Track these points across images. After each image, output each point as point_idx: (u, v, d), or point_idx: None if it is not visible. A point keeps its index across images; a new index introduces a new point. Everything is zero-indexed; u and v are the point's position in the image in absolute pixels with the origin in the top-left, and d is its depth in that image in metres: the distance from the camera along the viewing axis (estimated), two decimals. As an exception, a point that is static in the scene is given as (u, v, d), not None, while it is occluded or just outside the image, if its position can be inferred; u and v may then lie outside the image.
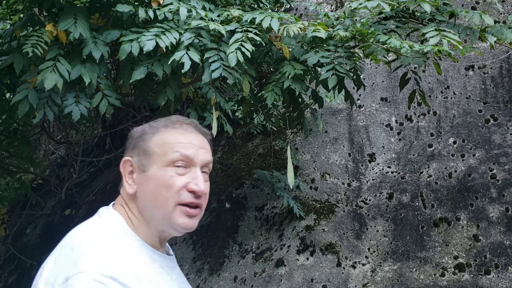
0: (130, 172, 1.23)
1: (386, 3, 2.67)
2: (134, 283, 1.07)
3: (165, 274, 1.21)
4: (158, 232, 1.22)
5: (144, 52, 2.59)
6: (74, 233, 1.18)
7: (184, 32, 2.65)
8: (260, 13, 2.74)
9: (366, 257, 3.50)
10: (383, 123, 4.13)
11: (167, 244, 1.36)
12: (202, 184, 1.20)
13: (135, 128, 1.27)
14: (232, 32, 2.64)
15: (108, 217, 1.22)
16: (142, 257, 1.16)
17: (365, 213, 3.72)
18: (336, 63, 2.71)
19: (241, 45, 2.52)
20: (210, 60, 2.59)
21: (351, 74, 2.91)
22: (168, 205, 1.18)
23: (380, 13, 3.04)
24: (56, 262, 1.12)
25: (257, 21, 2.67)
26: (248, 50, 2.50)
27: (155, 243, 1.22)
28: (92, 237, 1.15)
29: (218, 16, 2.88)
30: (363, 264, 3.46)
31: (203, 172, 1.23)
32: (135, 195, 1.21)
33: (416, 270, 3.32)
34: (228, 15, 2.82)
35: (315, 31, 2.67)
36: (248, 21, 2.73)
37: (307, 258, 3.59)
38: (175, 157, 1.19)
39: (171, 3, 2.76)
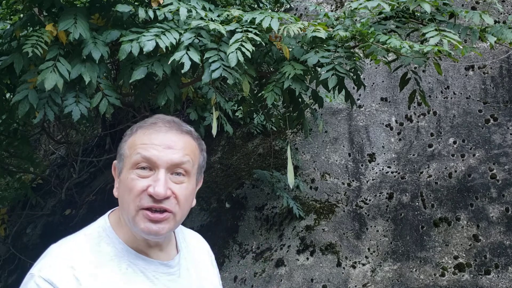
0: (117, 177, 1.22)
1: (386, 3, 2.67)
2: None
3: (143, 279, 1.17)
4: (139, 236, 1.18)
5: (144, 52, 2.59)
6: (68, 237, 1.23)
7: (184, 32, 2.64)
8: (260, 13, 2.74)
9: (366, 257, 3.50)
10: (383, 123, 4.13)
11: (182, 249, 1.32)
12: (161, 187, 1.11)
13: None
14: (232, 32, 2.64)
15: (98, 222, 1.24)
16: (116, 262, 1.15)
17: (365, 213, 3.72)
18: (336, 63, 2.71)
19: (241, 45, 2.52)
20: (210, 60, 2.59)
21: (351, 74, 2.91)
22: (130, 209, 1.14)
23: (380, 13, 3.04)
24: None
25: (257, 21, 2.67)
26: (248, 50, 2.50)
27: (140, 246, 1.19)
28: (66, 240, 1.20)
29: (218, 16, 2.88)
30: (363, 264, 3.46)
31: (177, 173, 1.16)
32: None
33: (416, 270, 3.32)
34: (228, 15, 2.82)
35: (315, 31, 2.67)
36: (248, 21, 2.73)
37: (307, 258, 3.59)
38: (136, 159, 1.14)
39: (171, 3, 2.76)
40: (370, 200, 3.78)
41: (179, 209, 1.16)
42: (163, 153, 1.14)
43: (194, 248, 1.37)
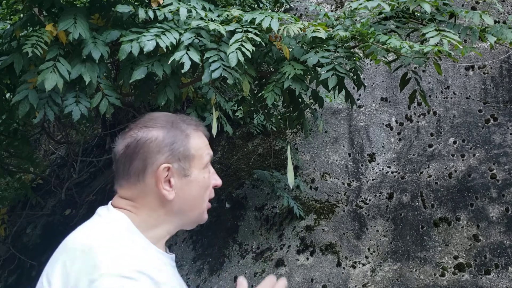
0: (165, 178, 1.21)
1: (386, 3, 2.67)
2: (158, 275, 1.10)
3: (169, 271, 1.22)
4: (171, 232, 1.27)
5: (144, 52, 2.59)
6: (81, 236, 1.18)
7: (184, 32, 2.64)
8: (260, 13, 2.74)
9: (366, 257, 3.50)
10: (383, 123, 4.13)
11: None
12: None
13: (149, 133, 1.22)
14: (232, 32, 2.64)
15: (112, 218, 1.21)
16: (150, 253, 1.18)
17: (365, 213, 3.72)
18: (336, 63, 2.71)
19: (241, 45, 2.52)
20: (210, 60, 2.59)
21: (351, 74, 2.91)
22: (204, 204, 1.28)
23: (380, 13, 3.04)
24: (68, 267, 1.11)
25: (257, 21, 2.66)
26: (248, 50, 2.50)
27: (161, 244, 1.24)
28: (104, 237, 1.15)
29: (218, 16, 2.88)
30: (363, 264, 3.46)
31: None
32: (163, 199, 1.21)
33: (416, 270, 3.32)
34: (228, 15, 2.82)
35: (315, 31, 2.67)
36: (248, 21, 2.73)
37: (307, 258, 3.59)
38: (208, 159, 1.29)
39: (171, 3, 2.76)
40: (370, 200, 3.78)
41: None
42: None
43: None
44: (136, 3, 3.09)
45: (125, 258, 1.09)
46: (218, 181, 1.31)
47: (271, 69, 3.30)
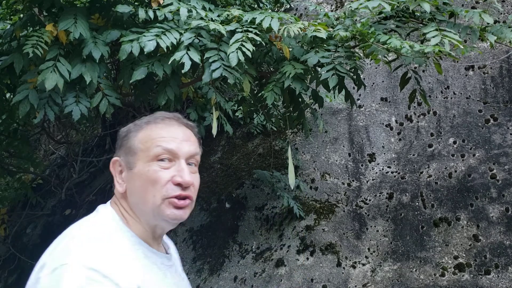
0: (119, 171, 1.26)
1: (386, 2, 2.67)
2: (119, 277, 1.07)
3: (157, 271, 1.22)
4: (150, 227, 1.24)
5: (144, 52, 2.59)
6: (73, 227, 1.21)
7: (184, 32, 2.64)
8: (260, 13, 2.74)
9: (366, 257, 3.50)
10: (383, 123, 4.13)
11: (167, 242, 1.39)
12: (187, 175, 1.21)
13: (122, 128, 1.30)
14: (232, 32, 2.64)
15: (104, 213, 1.24)
16: (134, 252, 1.18)
17: (365, 213, 3.72)
18: (336, 63, 2.70)
19: (242, 45, 2.52)
20: (210, 60, 2.59)
21: (351, 74, 2.91)
22: (156, 200, 1.19)
23: (380, 13, 3.04)
24: (51, 252, 1.14)
25: (257, 21, 2.66)
26: (248, 50, 2.50)
27: (149, 239, 1.24)
28: (86, 231, 1.17)
29: (218, 16, 2.88)
30: (363, 264, 3.46)
31: (189, 164, 1.25)
32: (125, 193, 1.24)
33: (416, 270, 3.32)
34: (228, 15, 2.81)
35: (315, 31, 2.67)
36: (248, 21, 2.73)
37: (307, 258, 3.59)
38: (158, 152, 1.21)
39: (171, 3, 2.76)
40: (370, 200, 3.78)
41: (195, 197, 1.26)
42: (181, 145, 1.24)
43: (171, 244, 1.43)
44: (136, 3, 3.09)
45: (91, 254, 1.09)
46: (180, 178, 1.20)
47: (271, 69, 3.30)
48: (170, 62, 2.58)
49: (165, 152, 1.21)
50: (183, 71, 2.56)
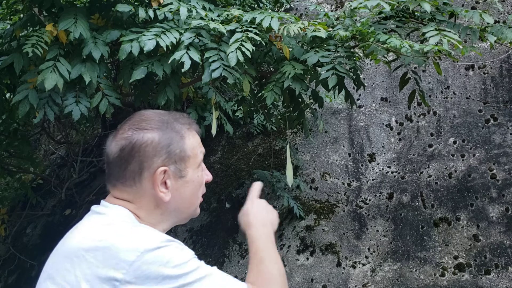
0: (163, 181, 1.22)
1: (386, 2, 2.67)
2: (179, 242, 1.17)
3: None
4: (166, 230, 1.29)
5: (144, 52, 2.59)
6: (83, 235, 1.15)
7: (184, 32, 2.64)
8: (260, 13, 2.74)
9: (366, 257, 3.50)
10: (383, 123, 4.13)
11: None
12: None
13: (144, 136, 1.21)
14: (232, 32, 2.64)
15: (117, 212, 1.20)
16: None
17: (365, 213, 3.72)
18: (336, 63, 2.70)
19: (241, 44, 2.51)
20: (210, 60, 2.58)
21: (351, 74, 2.91)
22: (198, 200, 1.32)
23: (380, 12, 3.04)
24: (74, 269, 1.10)
25: (257, 21, 2.66)
26: (248, 49, 2.50)
27: None
28: (115, 228, 1.15)
29: (218, 16, 2.88)
30: (363, 264, 3.46)
31: None
32: (161, 201, 1.23)
33: (416, 270, 3.32)
34: (228, 15, 2.81)
35: (315, 31, 2.67)
36: (248, 21, 2.73)
37: (307, 258, 3.59)
38: (201, 158, 1.32)
39: (171, 3, 2.76)
40: (370, 200, 3.78)
41: None
42: None
43: None
44: (136, 3, 3.09)
45: (147, 235, 1.13)
46: (209, 177, 1.34)
47: (271, 68, 3.30)
48: (170, 61, 2.58)
49: (203, 157, 1.32)
50: (183, 71, 2.56)
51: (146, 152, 1.20)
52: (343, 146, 4.14)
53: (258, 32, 2.65)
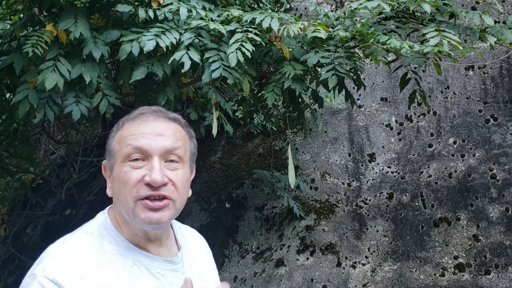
0: (109, 176, 1.20)
1: (386, 3, 2.67)
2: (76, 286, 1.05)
3: (150, 277, 1.16)
4: (139, 231, 1.16)
5: (144, 52, 2.59)
6: (68, 235, 1.19)
7: (184, 32, 2.64)
8: (260, 13, 2.74)
9: (366, 257, 3.50)
10: (383, 123, 4.13)
11: (186, 239, 1.33)
12: (156, 174, 1.10)
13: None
14: (232, 32, 2.64)
15: (97, 219, 1.21)
16: (121, 259, 1.13)
17: (365, 213, 3.72)
18: (336, 63, 2.71)
19: (241, 45, 2.52)
20: (210, 60, 2.59)
21: (351, 74, 2.91)
22: (128, 202, 1.11)
23: (380, 13, 3.04)
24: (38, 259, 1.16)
25: (257, 21, 2.66)
26: (248, 50, 2.50)
27: (142, 243, 1.18)
28: (67, 239, 1.16)
29: (218, 16, 2.88)
30: (363, 264, 3.46)
31: (171, 160, 1.14)
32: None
33: (416, 270, 3.32)
34: (228, 15, 2.81)
35: (315, 31, 2.67)
36: (248, 21, 2.73)
37: (307, 258, 3.59)
38: (128, 151, 1.12)
39: (171, 3, 2.76)
40: (370, 200, 3.78)
41: (178, 196, 1.15)
42: (154, 141, 1.13)
43: (193, 244, 1.35)
44: (136, 3, 3.09)
45: (54, 264, 1.08)
46: (149, 178, 1.10)
47: (271, 69, 3.30)
48: (170, 62, 2.58)
49: (135, 151, 1.12)
50: (183, 71, 2.56)
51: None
52: (343, 146, 4.14)
53: (258, 32, 2.65)
